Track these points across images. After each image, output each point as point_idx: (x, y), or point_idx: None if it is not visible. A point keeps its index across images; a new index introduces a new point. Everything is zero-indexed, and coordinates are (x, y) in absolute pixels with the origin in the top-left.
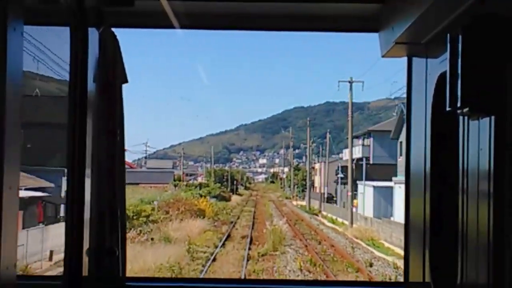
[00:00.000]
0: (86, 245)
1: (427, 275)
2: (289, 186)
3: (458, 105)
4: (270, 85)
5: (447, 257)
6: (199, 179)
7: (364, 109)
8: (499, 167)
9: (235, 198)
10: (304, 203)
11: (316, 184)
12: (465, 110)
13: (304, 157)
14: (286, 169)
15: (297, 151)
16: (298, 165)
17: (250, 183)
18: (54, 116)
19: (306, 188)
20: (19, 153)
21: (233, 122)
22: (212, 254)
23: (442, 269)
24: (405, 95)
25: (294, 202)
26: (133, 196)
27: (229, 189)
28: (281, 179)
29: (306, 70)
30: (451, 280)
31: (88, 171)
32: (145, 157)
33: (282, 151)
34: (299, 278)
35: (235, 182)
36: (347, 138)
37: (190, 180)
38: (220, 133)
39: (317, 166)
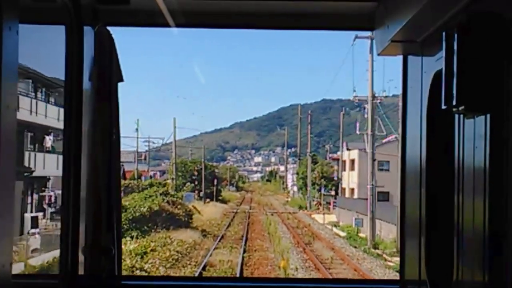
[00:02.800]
0: (82, 243)
1: (423, 272)
2: (301, 188)
3: (454, 103)
4: (265, 83)
5: (443, 254)
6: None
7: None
8: (495, 165)
9: (209, 211)
10: (333, 217)
11: (347, 183)
12: (461, 108)
13: (295, 157)
14: (287, 166)
15: (292, 149)
16: (314, 155)
17: (244, 183)
18: None
19: (331, 190)
20: (14, 151)
21: (227, 120)
22: None
23: (438, 267)
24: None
25: (319, 217)
26: None
27: (202, 192)
28: (281, 177)
29: (302, 67)
30: (447, 277)
31: (83, 170)
32: None
33: (278, 150)
34: None
35: (215, 181)
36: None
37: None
38: (215, 131)
39: (347, 155)
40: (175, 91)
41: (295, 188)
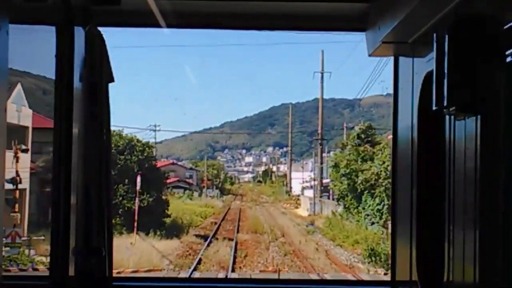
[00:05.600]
0: (72, 245)
1: (414, 273)
2: (344, 196)
3: (445, 104)
4: (256, 82)
5: (433, 255)
6: None
7: (355, 106)
8: (485, 166)
9: None
10: None
11: None
12: (452, 109)
13: (287, 156)
14: (281, 165)
15: (284, 149)
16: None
17: (232, 184)
18: None
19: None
20: (3, 151)
21: (217, 119)
22: None
23: (429, 268)
24: None
25: None
26: None
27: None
28: (279, 177)
29: (294, 66)
30: (438, 278)
31: (74, 170)
32: None
33: (269, 149)
34: None
35: (138, 183)
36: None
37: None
38: (204, 130)
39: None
40: (166, 92)
41: (307, 192)
